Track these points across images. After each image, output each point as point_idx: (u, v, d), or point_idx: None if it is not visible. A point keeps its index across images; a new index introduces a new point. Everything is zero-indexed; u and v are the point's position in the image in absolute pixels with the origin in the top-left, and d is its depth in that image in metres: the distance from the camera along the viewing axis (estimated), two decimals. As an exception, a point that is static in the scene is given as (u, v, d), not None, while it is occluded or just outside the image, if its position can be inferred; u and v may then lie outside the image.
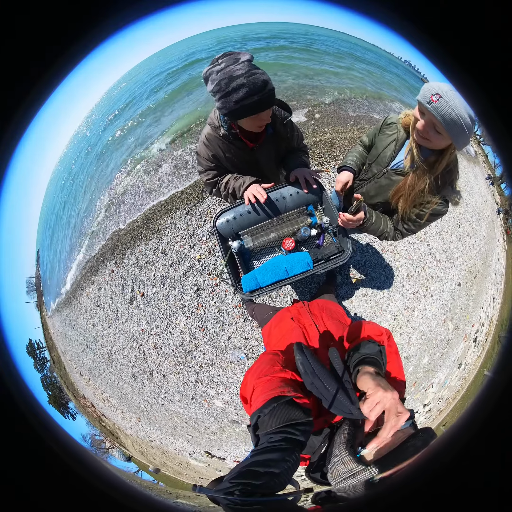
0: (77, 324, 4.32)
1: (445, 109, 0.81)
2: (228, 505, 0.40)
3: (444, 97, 0.81)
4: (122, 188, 4.65)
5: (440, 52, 0.22)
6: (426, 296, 2.93)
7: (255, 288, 1.15)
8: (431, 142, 0.94)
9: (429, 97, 0.84)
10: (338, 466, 0.52)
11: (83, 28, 0.20)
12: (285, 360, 0.77)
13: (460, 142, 0.87)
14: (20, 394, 0.22)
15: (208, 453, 3.18)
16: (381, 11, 0.23)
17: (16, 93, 0.20)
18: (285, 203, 1.24)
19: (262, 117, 0.98)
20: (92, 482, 0.22)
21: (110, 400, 3.82)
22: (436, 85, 0.83)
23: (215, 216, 1.25)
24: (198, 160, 1.25)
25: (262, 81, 0.87)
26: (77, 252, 5.00)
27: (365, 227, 1.16)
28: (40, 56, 0.20)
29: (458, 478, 0.21)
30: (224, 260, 1.21)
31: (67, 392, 5.02)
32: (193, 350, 2.78)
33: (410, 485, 0.22)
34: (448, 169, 1.01)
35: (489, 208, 4.68)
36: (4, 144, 0.21)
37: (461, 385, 3.67)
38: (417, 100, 0.90)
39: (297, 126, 1.29)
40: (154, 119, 6.25)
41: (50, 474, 0.21)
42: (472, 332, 3.57)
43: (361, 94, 5.62)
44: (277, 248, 1.31)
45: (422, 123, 0.91)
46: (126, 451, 4.07)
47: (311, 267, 1.16)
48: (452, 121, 0.81)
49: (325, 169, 3.16)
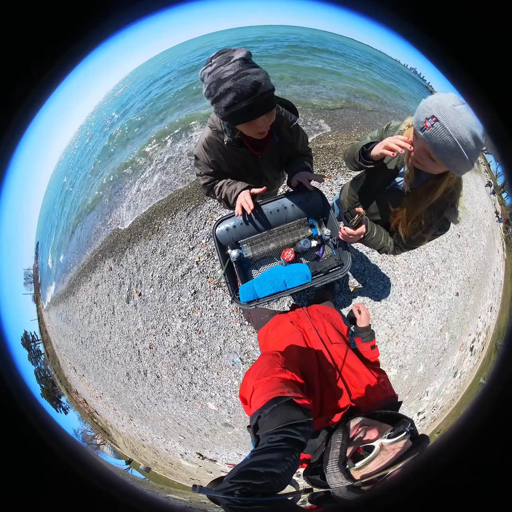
0: (72, 320, 4.30)
1: (440, 137, 0.69)
2: (228, 505, 0.39)
3: (442, 119, 0.68)
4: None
5: (441, 52, 0.22)
6: (423, 305, 2.93)
7: (252, 299, 1.13)
8: (426, 168, 0.85)
9: (423, 123, 0.71)
10: (331, 477, 0.55)
11: (83, 28, 0.20)
12: (284, 361, 0.77)
13: (459, 170, 0.76)
14: (17, 388, 0.22)
15: (199, 455, 3.18)
16: (380, 11, 0.22)
17: (16, 93, 0.20)
18: (286, 213, 1.22)
19: (258, 124, 0.85)
20: (90, 480, 0.22)
21: (103, 397, 3.81)
22: (435, 103, 0.70)
23: (215, 223, 1.22)
24: (196, 163, 1.19)
25: (252, 83, 0.74)
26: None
27: (366, 241, 1.14)
28: (40, 56, 0.20)
29: (452, 482, 0.21)
30: (222, 268, 1.19)
31: (60, 386, 5.02)
32: (188, 352, 2.77)
33: (407, 486, 0.22)
34: (450, 192, 0.92)
35: (489, 218, 4.68)
36: (4, 144, 0.21)
37: (456, 394, 3.69)
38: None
39: (302, 129, 1.22)
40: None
41: (47, 472, 0.21)
42: (468, 341, 3.58)
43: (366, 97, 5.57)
44: (276, 258, 1.29)
45: (415, 149, 0.82)
46: (118, 449, 4.07)
47: (309, 280, 1.15)
48: (448, 151, 0.70)
49: (327, 175, 3.14)
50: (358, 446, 0.57)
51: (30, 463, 0.21)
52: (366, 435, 0.58)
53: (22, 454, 0.21)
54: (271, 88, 0.80)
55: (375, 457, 0.53)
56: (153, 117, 6.45)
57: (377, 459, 0.53)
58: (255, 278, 1.21)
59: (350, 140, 3.91)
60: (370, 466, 0.52)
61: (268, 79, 0.79)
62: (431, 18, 0.21)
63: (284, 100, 1.07)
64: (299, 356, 0.88)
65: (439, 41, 0.21)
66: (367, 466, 0.52)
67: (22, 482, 0.20)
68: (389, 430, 0.55)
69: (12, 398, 0.21)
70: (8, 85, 0.19)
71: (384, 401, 0.75)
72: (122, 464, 4.05)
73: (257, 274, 1.29)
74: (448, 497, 0.21)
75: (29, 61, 0.19)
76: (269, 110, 0.84)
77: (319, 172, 3.17)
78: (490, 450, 0.21)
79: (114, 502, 0.22)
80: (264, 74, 0.77)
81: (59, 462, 0.22)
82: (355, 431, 0.60)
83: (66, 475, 0.21)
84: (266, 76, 0.78)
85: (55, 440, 0.22)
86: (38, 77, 0.20)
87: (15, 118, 0.20)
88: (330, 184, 3.04)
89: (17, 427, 0.21)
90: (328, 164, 3.29)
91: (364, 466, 0.53)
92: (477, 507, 0.20)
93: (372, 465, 0.52)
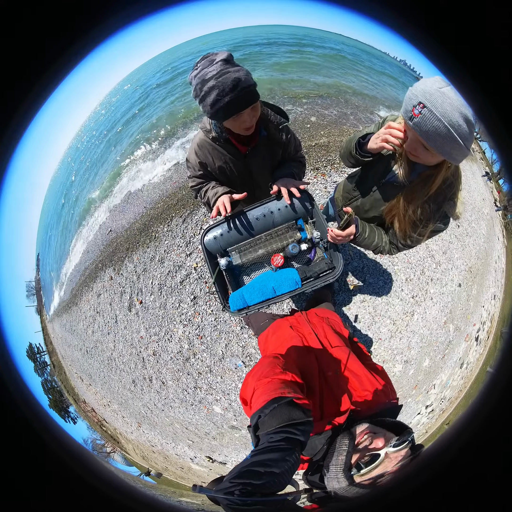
0: (77, 330, 4.34)
1: (429, 124, 0.66)
2: (228, 505, 0.40)
3: (429, 105, 0.64)
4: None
5: (433, 42, 0.21)
6: (426, 299, 2.91)
7: (242, 307, 1.12)
8: (421, 159, 0.81)
9: (411, 111, 0.68)
10: (333, 481, 0.55)
11: (83, 28, 0.20)
12: (285, 363, 0.78)
13: (455, 157, 0.72)
14: (22, 397, 0.22)
15: (209, 458, 3.20)
16: (379, 10, 0.22)
17: (16, 93, 0.20)
18: (273, 218, 1.19)
19: (243, 118, 0.90)
20: (93, 483, 0.22)
21: (110, 405, 3.84)
22: (420, 89, 0.66)
23: (203, 233, 1.21)
24: (187, 165, 1.23)
25: (232, 79, 0.80)
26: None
27: (357, 242, 1.09)
28: (40, 56, 0.20)
29: (460, 475, 0.21)
30: (212, 277, 1.19)
31: (67, 396, 5.06)
32: (191, 358, 2.78)
33: (410, 484, 0.22)
34: (448, 183, 0.87)
35: (488, 206, 4.63)
36: (3, 145, 0.21)
37: (463, 384, 3.66)
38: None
39: (294, 133, 1.22)
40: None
41: (51, 476, 0.21)
42: (473, 331, 3.55)
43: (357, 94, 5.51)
44: (266, 264, 1.28)
45: (408, 141, 0.79)
46: (129, 457, 4.11)
47: (299, 285, 1.12)
48: (440, 137, 0.66)
49: (321, 173, 3.11)
50: (364, 453, 0.57)
51: (45, 478, 0.21)
52: (372, 443, 0.58)
53: (35, 468, 0.20)
54: (252, 83, 0.85)
55: (380, 464, 0.53)
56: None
57: (381, 466, 0.53)
58: (245, 285, 1.20)
59: (342, 136, 3.87)
60: (373, 472, 0.53)
61: (249, 76, 0.85)
62: (430, 16, 0.20)
63: (275, 107, 1.10)
64: (299, 359, 0.88)
65: (435, 36, 0.21)
66: (370, 472, 0.53)
67: (22, 484, 0.20)
68: (395, 439, 0.56)
69: (19, 410, 0.21)
70: (8, 85, 0.19)
71: (385, 404, 0.75)
72: (133, 471, 4.09)
73: (248, 280, 1.28)
74: (457, 492, 0.20)
75: (29, 61, 0.19)
76: (251, 103, 0.88)
77: (312, 171, 3.13)
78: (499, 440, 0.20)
79: (115, 502, 0.22)
80: (244, 71, 0.84)
81: (74, 476, 0.21)
82: (360, 438, 0.60)
83: (67, 475, 0.21)
84: (247, 73, 0.85)
85: (66, 452, 0.22)
86: (38, 77, 0.20)
87: (14, 119, 0.20)
88: (324, 182, 3.01)
89: (27, 441, 0.21)
90: (321, 162, 3.25)
91: (368, 473, 0.53)
92: (487, 500, 0.19)
93: (375, 472, 0.53)
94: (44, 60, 0.20)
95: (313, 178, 3.04)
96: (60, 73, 0.21)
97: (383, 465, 0.53)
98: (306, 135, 3.80)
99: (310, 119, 4.27)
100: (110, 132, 7.68)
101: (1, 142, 0.20)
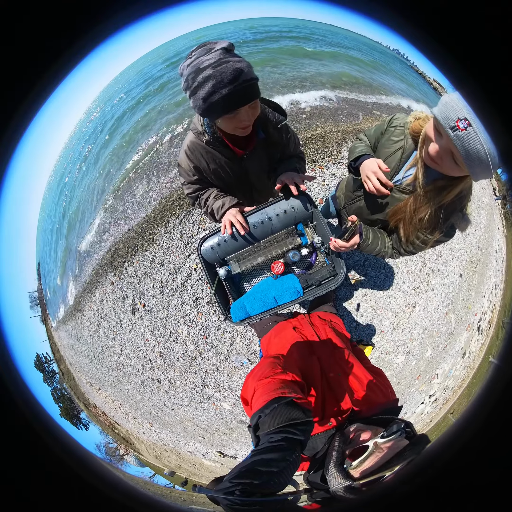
0: (83, 336, 4.38)
1: (473, 143, 0.62)
2: (228, 505, 0.39)
3: (475, 126, 0.61)
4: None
5: (433, 41, 0.21)
6: (427, 291, 2.92)
7: (244, 317, 1.11)
8: (442, 168, 0.76)
9: (455, 122, 0.63)
10: (330, 480, 0.56)
11: (83, 28, 0.20)
12: (285, 363, 0.78)
13: (479, 177, 0.70)
14: (28, 408, 0.22)
15: (220, 453, 3.27)
16: (378, 10, 0.22)
17: (16, 93, 0.20)
18: (271, 224, 1.13)
19: (240, 117, 0.77)
20: (92, 482, 0.22)
21: (121, 408, 3.91)
22: (466, 104, 0.63)
23: (199, 242, 1.16)
24: (179, 171, 1.10)
25: (233, 70, 0.67)
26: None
27: (361, 248, 1.06)
28: (40, 56, 0.20)
29: (464, 471, 0.20)
30: (212, 288, 1.15)
31: (78, 402, 5.12)
32: (197, 357, 2.82)
33: (411, 483, 0.22)
34: (461, 195, 0.83)
35: (487, 195, 4.60)
36: (3, 145, 0.21)
37: (466, 374, 3.69)
38: (434, 117, 0.69)
39: (293, 131, 1.15)
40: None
41: (51, 476, 0.21)
42: (475, 321, 3.57)
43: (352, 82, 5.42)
44: (266, 270, 1.24)
45: (437, 149, 0.72)
46: (142, 457, 4.19)
47: (301, 294, 1.09)
48: (478, 159, 0.64)
49: (318, 166, 3.08)
50: (353, 446, 0.59)
51: (45, 478, 0.21)
52: (360, 437, 0.60)
53: (35, 468, 0.20)
54: (254, 77, 0.73)
55: (370, 455, 0.54)
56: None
57: (373, 456, 0.54)
58: (245, 294, 1.16)
59: (339, 126, 3.80)
60: (367, 463, 0.54)
61: (251, 68, 0.73)
62: (429, 15, 0.20)
63: (272, 102, 1.01)
64: (301, 360, 0.89)
65: (439, 41, 0.20)
66: (363, 463, 0.54)
67: (24, 487, 0.20)
68: (383, 430, 0.57)
69: (19, 410, 0.21)
70: (8, 85, 0.19)
71: (385, 405, 0.76)
72: (147, 471, 4.15)
73: (249, 287, 1.25)
74: (459, 491, 0.19)
75: (29, 61, 0.19)
76: (252, 100, 0.76)
77: (309, 163, 3.01)
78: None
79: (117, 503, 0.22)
80: (246, 63, 0.72)
81: (74, 476, 0.21)
82: (352, 436, 0.62)
83: (69, 477, 0.21)
84: (249, 65, 0.73)
85: (66, 452, 0.22)
86: (38, 77, 0.20)
87: (14, 119, 0.20)
88: (323, 175, 2.94)
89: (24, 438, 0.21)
90: (318, 154, 3.16)
91: (361, 464, 0.54)
92: (491, 498, 0.19)
93: (368, 463, 0.54)
94: (44, 60, 0.20)
95: (310, 171, 2.96)
96: (60, 73, 0.21)
97: (375, 455, 0.54)
98: (302, 127, 3.70)
99: (305, 109, 4.22)
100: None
101: (1, 142, 0.20)
